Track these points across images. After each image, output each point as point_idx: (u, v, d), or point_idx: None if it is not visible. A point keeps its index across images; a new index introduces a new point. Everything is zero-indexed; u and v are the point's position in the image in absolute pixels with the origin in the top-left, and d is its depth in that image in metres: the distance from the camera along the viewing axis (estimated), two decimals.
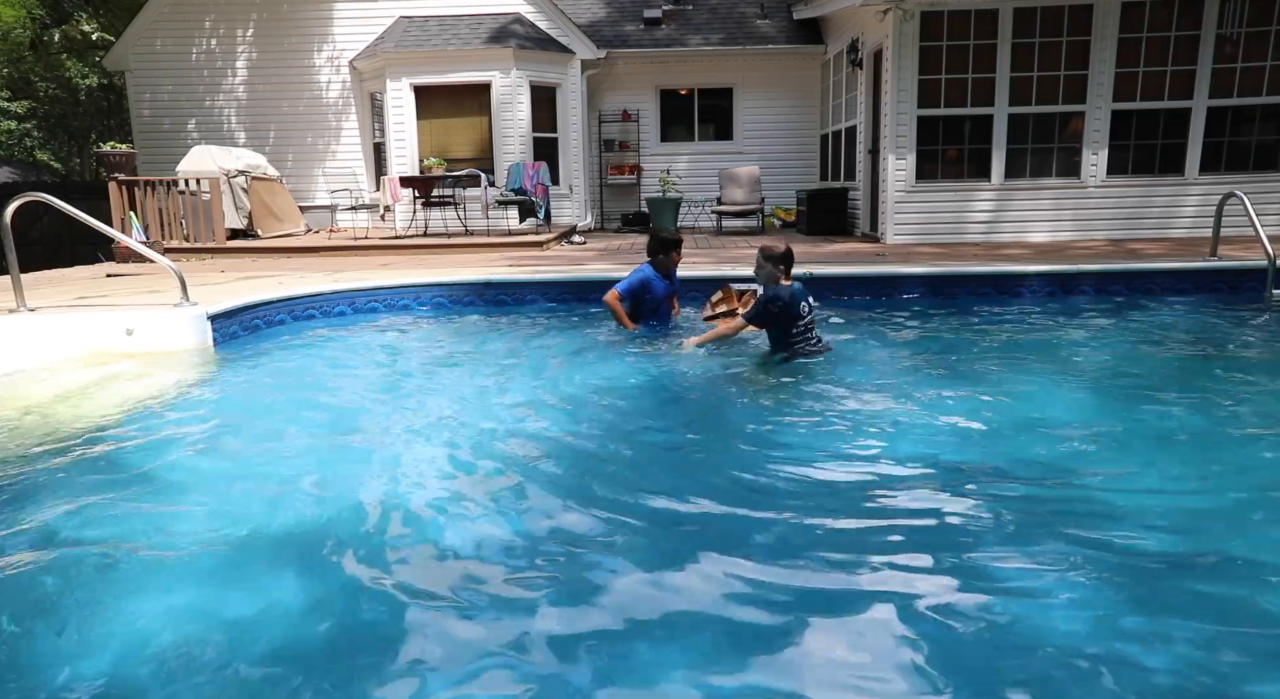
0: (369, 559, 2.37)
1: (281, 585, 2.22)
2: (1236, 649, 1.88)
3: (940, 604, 2.06)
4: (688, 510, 2.71)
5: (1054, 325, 5.79)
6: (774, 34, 13.54)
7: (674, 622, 2.02)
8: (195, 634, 1.99)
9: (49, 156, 24.58)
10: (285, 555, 2.40)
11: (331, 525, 2.58)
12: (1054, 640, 1.89)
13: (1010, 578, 2.19)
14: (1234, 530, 2.48)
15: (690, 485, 2.88)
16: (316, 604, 2.13)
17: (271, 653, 1.93)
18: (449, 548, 2.43)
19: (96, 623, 2.04)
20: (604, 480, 2.96)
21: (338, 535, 2.52)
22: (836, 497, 2.80)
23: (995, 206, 9.79)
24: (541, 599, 2.13)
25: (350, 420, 3.74)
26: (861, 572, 2.25)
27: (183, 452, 3.36)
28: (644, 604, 2.11)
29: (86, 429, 3.60)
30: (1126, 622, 1.97)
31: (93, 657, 1.90)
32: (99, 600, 2.14)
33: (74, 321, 5.08)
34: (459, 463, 3.15)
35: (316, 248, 10.21)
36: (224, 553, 2.40)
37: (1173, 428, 3.52)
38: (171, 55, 13.22)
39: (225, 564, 2.34)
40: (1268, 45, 9.21)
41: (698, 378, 4.42)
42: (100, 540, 2.50)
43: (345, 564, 2.34)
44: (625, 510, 2.69)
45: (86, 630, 2.01)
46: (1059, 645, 1.87)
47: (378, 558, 2.38)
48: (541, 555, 2.37)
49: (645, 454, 3.32)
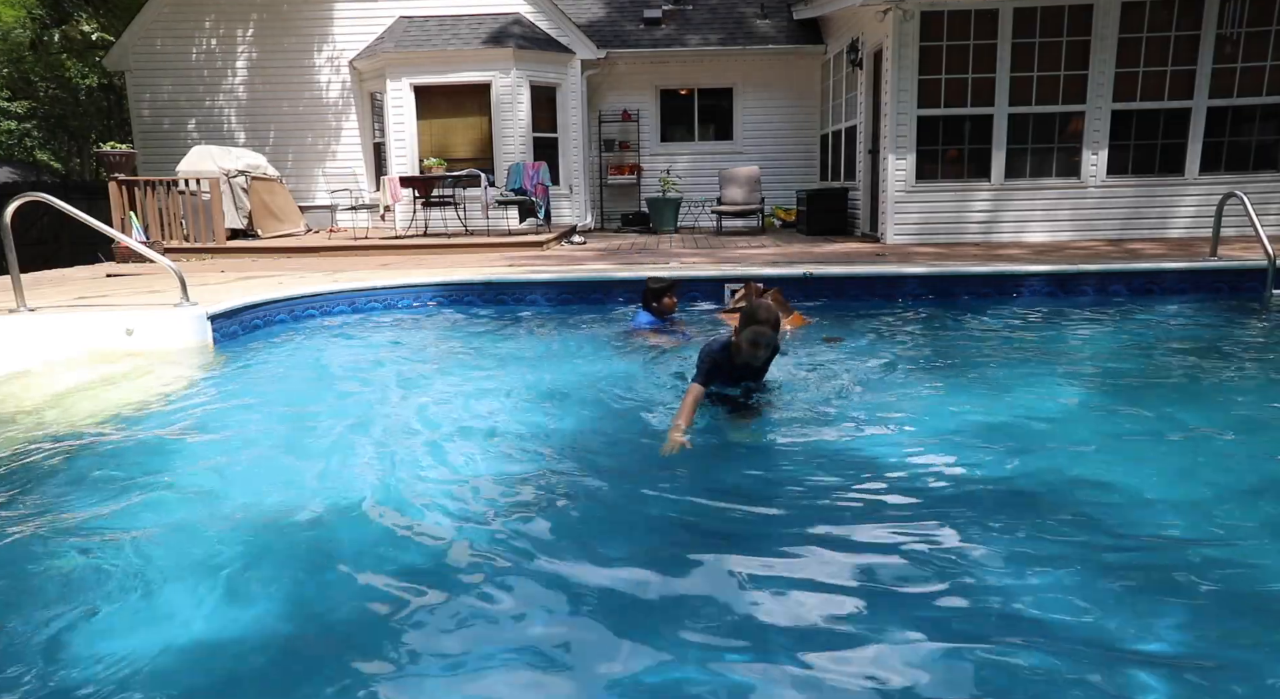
0: (369, 558, 2.37)
1: (281, 585, 2.22)
2: (1236, 648, 1.88)
3: (940, 603, 2.06)
4: (687, 508, 2.71)
5: (1054, 325, 5.79)
6: (774, 34, 13.54)
7: (675, 622, 2.02)
8: (194, 634, 1.99)
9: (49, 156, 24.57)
10: (285, 554, 2.40)
11: (331, 524, 2.58)
12: (1054, 639, 1.89)
13: (1010, 577, 2.18)
14: (1233, 530, 2.48)
15: (690, 484, 2.88)
16: (316, 603, 2.14)
17: (272, 652, 1.93)
18: (449, 547, 2.43)
19: (96, 623, 2.04)
20: (605, 480, 2.96)
21: (338, 534, 2.52)
22: (835, 495, 2.79)
23: (995, 206, 9.79)
24: (541, 599, 2.13)
25: (350, 420, 3.74)
26: (861, 571, 2.25)
27: (183, 451, 3.36)
28: (646, 604, 2.11)
29: (86, 429, 3.60)
30: (1126, 620, 1.97)
31: (92, 656, 1.90)
32: (98, 600, 2.14)
33: (74, 321, 5.08)
34: (459, 462, 3.16)
35: (316, 248, 10.21)
36: (223, 553, 2.40)
37: (1172, 427, 3.51)
38: (171, 55, 13.22)
39: (225, 564, 2.34)
40: (1268, 45, 9.21)
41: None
42: (100, 540, 2.50)
43: (345, 563, 2.34)
44: (626, 510, 2.69)
45: (86, 631, 2.01)
46: (1059, 645, 1.87)
47: (377, 557, 2.38)
48: (542, 555, 2.37)
49: (646, 452, 3.32)
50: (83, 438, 3.48)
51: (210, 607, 2.12)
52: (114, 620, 2.05)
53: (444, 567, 2.33)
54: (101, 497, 2.82)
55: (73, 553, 2.43)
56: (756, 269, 6.97)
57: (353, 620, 2.06)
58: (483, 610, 2.09)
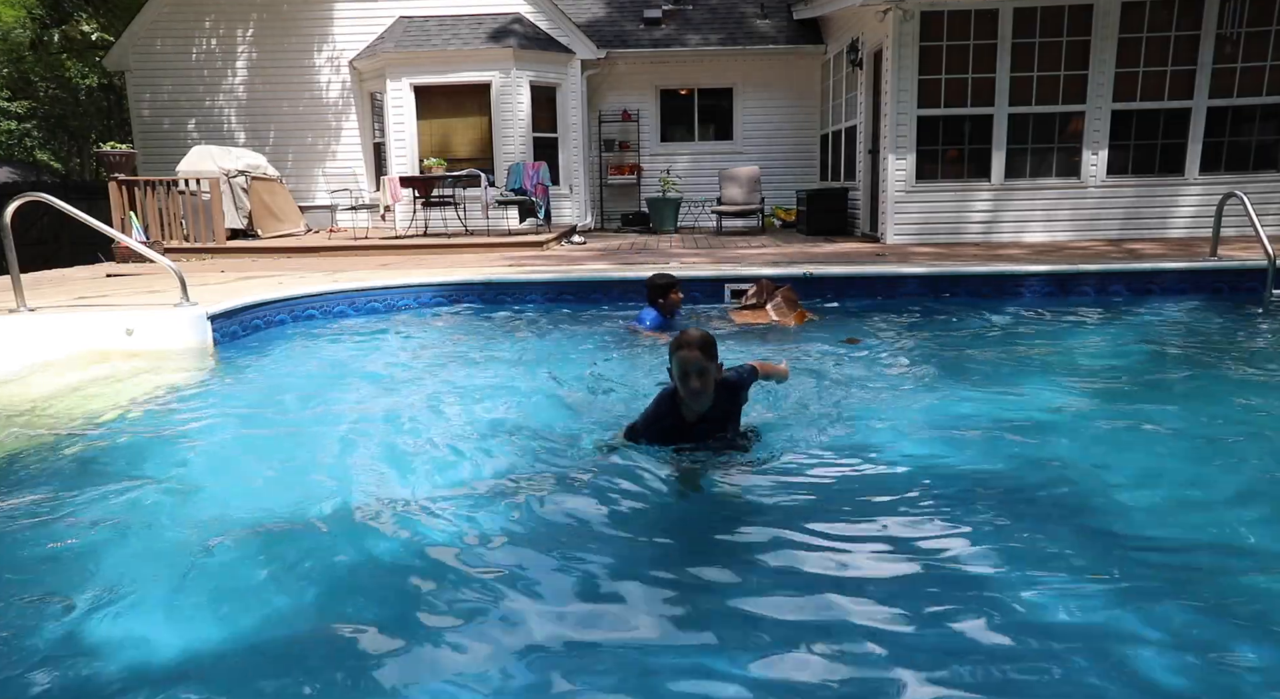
0: (368, 557, 2.37)
1: (281, 584, 2.22)
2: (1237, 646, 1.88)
3: (939, 603, 2.06)
4: (688, 507, 2.71)
5: (1053, 325, 5.79)
6: (774, 34, 13.54)
7: (674, 620, 2.03)
8: (193, 634, 1.99)
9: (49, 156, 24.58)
10: (284, 555, 2.40)
11: (331, 524, 2.58)
12: (1053, 639, 1.89)
13: (1009, 577, 2.18)
14: (1234, 530, 2.48)
15: (691, 482, 2.88)
16: (315, 603, 2.13)
17: (271, 652, 1.93)
18: (449, 547, 2.43)
19: (94, 622, 2.04)
20: (606, 478, 2.96)
21: (338, 534, 2.52)
22: (833, 495, 2.79)
23: (995, 206, 9.80)
24: (540, 598, 2.13)
25: (350, 420, 3.74)
26: (859, 570, 2.25)
27: (182, 451, 3.36)
28: (647, 603, 2.11)
29: (86, 429, 3.61)
30: (1125, 620, 1.97)
31: (91, 656, 1.90)
32: (98, 600, 2.14)
33: (74, 321, 5.08)
34: (460, 462, 3.15)
35: (316, 248, 10.22)
36: (223, 553, 2.40)
37: (1172, 427, 3.51)
38: (171, 55, 13.22)
39: (224, 564, 2.34)
40: (1268, 45, 9.21)
41: None
42: (99, 540, 2.50)
43: (345, 563, 2.34)
44: (627, 508, 2.69)
45: (84, 630, 2.01)
46: (1058, 644, 1.87)
47: (377, 556, 2.38)
48: (542, 553, 2.37)
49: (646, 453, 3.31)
50: (82, 438, 3.48)
51: (210, 607, 2.12)
52: (114, 620, 2.05)
53: (445, 567, 2.32)
54: (101, 496, 2.82)
55: (71, 553, 2.43)
56: (756, 269, 6.97)
57: (352, 621, 2.06)
58: (483, 611, 2.08)
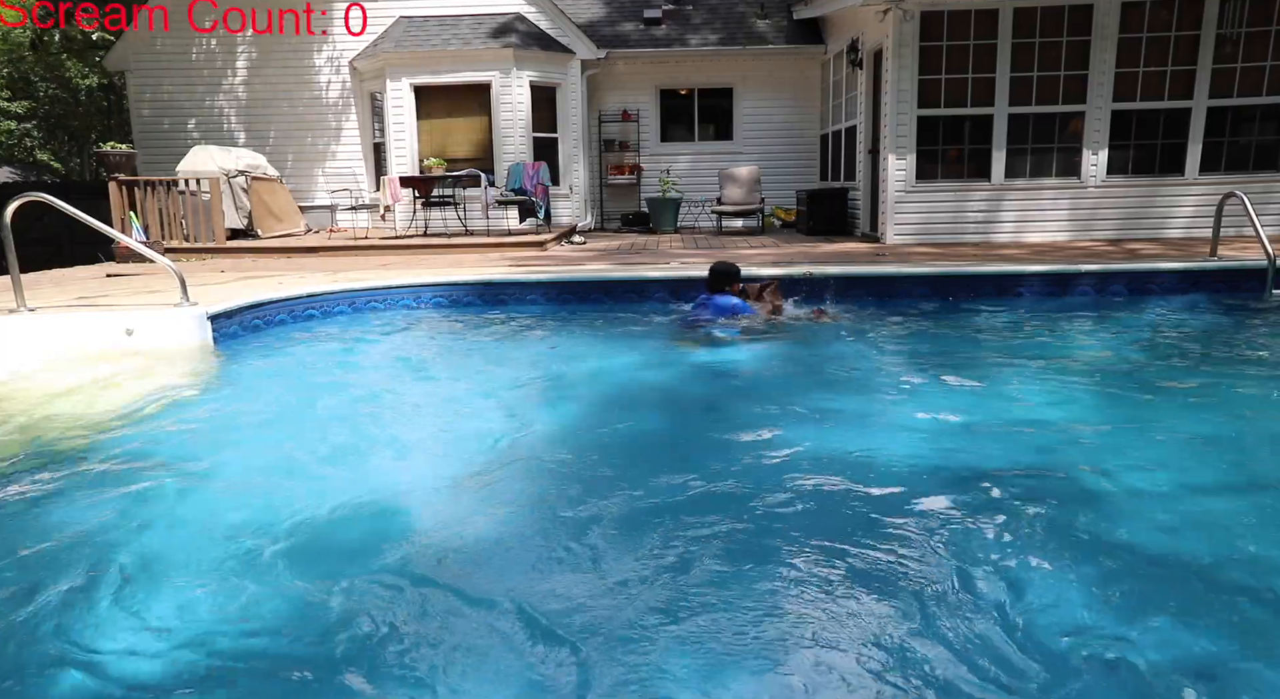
0: (368, 558, 2.37)
1: (280, 584, 2.23)
2: (1237, 644, 1.89)
3: (939, 603, 2.06)
4: (688, 508, 2.71)
5: (1054, 325, 5.80)
6: (774, 34, 13.54)
7: (675, 621, 2.03)
8: (193, 633, 1.99)
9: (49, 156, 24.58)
10: (284, 555, 2.40)
11: (332, 524, 2.59)
12: (1053, 639, 1.89)
13: (1009, 576, 2.19)
14: (1234, 529, 2.48)
15: (690, 482, 2.88)
16: (315, 602, 2.13)
17: (271, 652, 1.93)
18: (449, 547, 2.43)
19: (94, 622, 2.04)
20: (606, 478, 2.96)
21: (338, 534, 2.52)
22: (833, 495, 2.80)
23: (995, 207, 9.79)
24: (539, 599, 2.13)
25: (350, 420, 3.74)
26: (858, 569, 2.25)
27: (183, 451, 3.36)
28: (648, 604, 2.11)
29: (86, 429, 3.60)
30: (1124, 618, 1.97)
31: (90, 656, 1.90)
32: (96, 599, 2.14)
33: (74, 322, 5.08)
34: (460, 461, 3.16)
35: (316, 248, 10.21)
36: (223, 552, 2.40)
37: (1172, 427, 3.51)
38: (171, 55, 13.22)
39: (224, 564, 2.34)
40: (1268, 45, 9.21)
41: (699, 374, 4.42)
42: (99, 540, 2.50)
43: (345, 563, 2.34)
44: (627, 509, 2.69)
45: (84, 630, 2.01)
46: (1058, 643, 1.87)
47: (377, 556, 2.38)
48: (541, 554, 2.37)
49: (648, 451, 3.32)
50: (82, 438, 3.48)
51: (210, 606, 2.12)
52: (113, 620, 2.05)
53: (444, 565, 2.33)
54: (100, 497, 2.82)
55: (71, 553, 2.43)
56: (756, 269, 6.97)
57: (352, 621, 2.06)
58: (485, 611, 2.09)
